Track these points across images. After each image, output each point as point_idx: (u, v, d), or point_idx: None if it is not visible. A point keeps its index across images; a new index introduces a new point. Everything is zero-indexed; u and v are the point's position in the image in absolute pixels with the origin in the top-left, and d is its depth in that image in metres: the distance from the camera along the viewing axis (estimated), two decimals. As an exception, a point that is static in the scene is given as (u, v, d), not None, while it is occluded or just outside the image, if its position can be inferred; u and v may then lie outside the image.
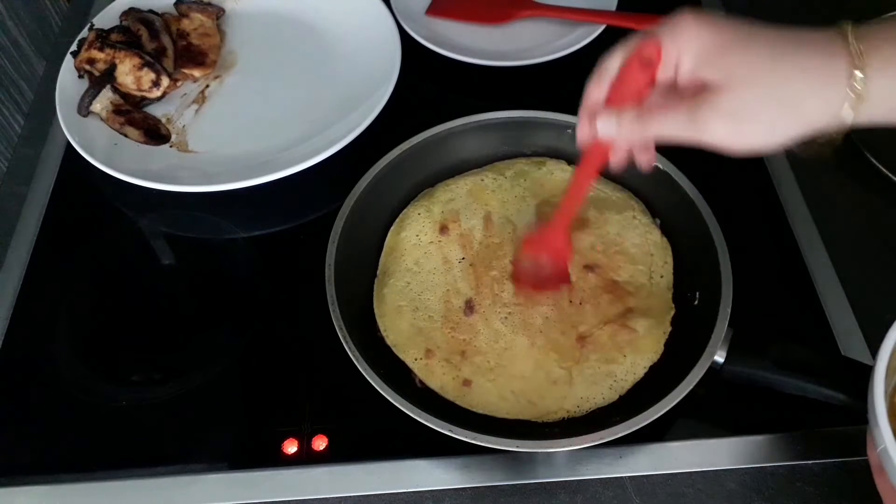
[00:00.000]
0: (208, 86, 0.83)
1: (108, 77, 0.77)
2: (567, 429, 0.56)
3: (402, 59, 0.80)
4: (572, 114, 0.70)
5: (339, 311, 0.58)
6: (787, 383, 0.55)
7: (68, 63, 0.80)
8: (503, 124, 0.71)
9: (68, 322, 0.66)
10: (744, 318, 0.57)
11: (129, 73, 0.78)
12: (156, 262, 0.72)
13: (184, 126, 0.80)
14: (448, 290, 0.63)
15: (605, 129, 0.50)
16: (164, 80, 0.79)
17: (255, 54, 0.86)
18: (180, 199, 0.72)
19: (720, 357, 0.55)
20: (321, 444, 0.58)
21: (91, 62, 0.78)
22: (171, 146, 0.77)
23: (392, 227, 0.68)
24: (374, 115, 0.75)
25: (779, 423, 0.58)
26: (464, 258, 0.65)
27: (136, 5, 0.84)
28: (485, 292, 0.63)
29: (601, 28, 0.84)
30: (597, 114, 0.50)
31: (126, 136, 0.77)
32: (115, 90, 0.78)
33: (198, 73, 0.83)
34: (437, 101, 0.83)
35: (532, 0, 0.88)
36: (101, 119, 0.78)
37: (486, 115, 0.71)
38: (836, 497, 0.55)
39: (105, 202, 0.75)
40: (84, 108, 0.76)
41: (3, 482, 0.58)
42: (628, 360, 0.59)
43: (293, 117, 0.79)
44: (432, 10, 0.89)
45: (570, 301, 0.62)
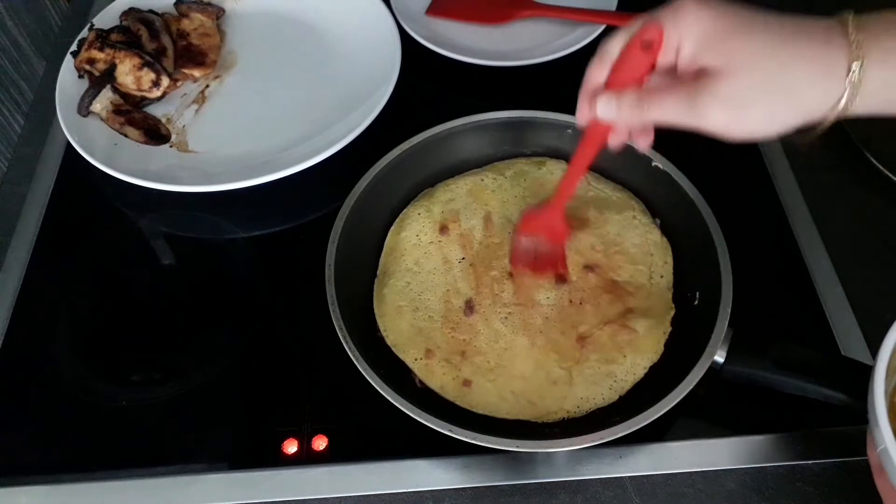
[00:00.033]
0: (208, 86, 0.83)
1: (108, 77, 0.77)
2: (567, 429, 0.56)
3: (402, 59, 0.80)
4: (572, 114, 0.69)
5: (339, 311, 0.58)
6: (787, 383, 0.55)
7: (68, 63, 0.80)
8: (503, 124, 0.71)
9: (68, 322, 0.66)
10: (744, 318, 0.57)
11: (129, 73, 0.78)
12: (156, 262, 0.72)
13: (184, 126, 0.80)
14: (448, 290, 0.63)
15: (605, 111, 0.50)
16: (164, 80, 0.79)
17: (255, 54, 0.86)
18: (180, 199, 0.72)
19: (720, 357, 0.55)
20: (321, 444, 0.58)
21: (91, 62, 0.78)
22: (171, 146, 0.77)
23: (392, 227, 0.68)
24: (374, 115, 0.75)
25: (779, 423, 0.58)
26: (464, 258, 0.65)
27: (136, 5, 0.84)
28: (485, 292, 0.63)
29: (601, 28, 0.84)
30: (596, 96, 0.50)
31: (126, 136, 0.77)
32: (115, 90, 0.78)
33: (198, 73, 0.83)
34: (437, 101, 0.83)
35: (532, 0, 0.88)
36: (101, 119, 0.78)
37: (486, 115, 0.71)
38: (836, 497, 0.55)
39: (105, 202, 0.75)
40: (84, 108, 0.76)
41: (3, 482, 0.58)
42: (628, 360, 0.59)
43: (293, 117, 0.79)
44: (432, 10, 0.89)
45: (570, 301, 0.62)
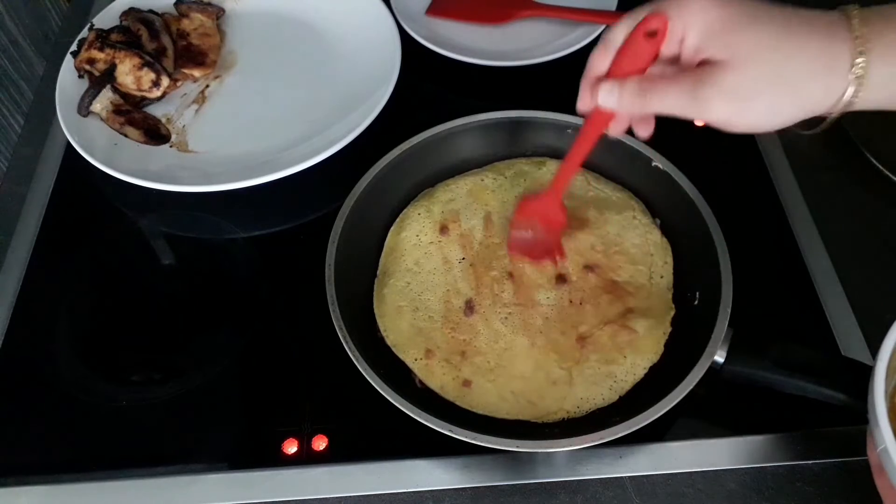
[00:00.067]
0: (208, 86, 0.83)
1: (108, 77, 0.77)
2: (567, 429, 0.55)
3: (402, 59, 0.79)
4: (572, 114, 0.69)
5: (339, 311, 0.58)
6: (787, 383, 0.55)
7: (68, 63, 0.80)
8: (503, 124, 0.71)
9: (68, 322, 0.66)
10: (744, 318, 0.57)
11: (129, 73, 0.78)
12: (156, 262, 0.72)
13: (184, 126, 0.80)
14: (448, 291, 0.63)
15: (606, 99, 0.50)
16: (164, 80, 0.79)
17: (255, 54, 0.86)
18: (180, 199, 0.72)
19: (720, 357, 0.55)
20: (321, 444, 0.58)
21: (91, 62, 0.78)
22: (171, 146, 0.77)
23: (392, 228, 0.68)
24: (374, 115, 0.75)
25: (779, 423, 0.58)
26: (464, 258, 0.65)
27: (136, 5, 0.84)
28: (485, 292, 0.63)
29: (601, 28, 0.84)
30: (598, 84, 0.50)
31: (126, 136, 0.77)
32: (115, 90, 0.78)
33: (198, 73, 0.83)
34: (437, 101, 0.83)
35: (532, 0, 0.88)
36: (101, 119, 0.78)
37: (486, 115, 0.71)
38: (836, 497, 0.55)
39: (105, 202, 0.75)
40: (84, 108, 0.76)
41: (3, 482, 0.58)
42: (628, 360, 0.59)
43: (293, 117, 0.79)
44: (432, 10, 0.89)
45: (570, 301, 0.62)
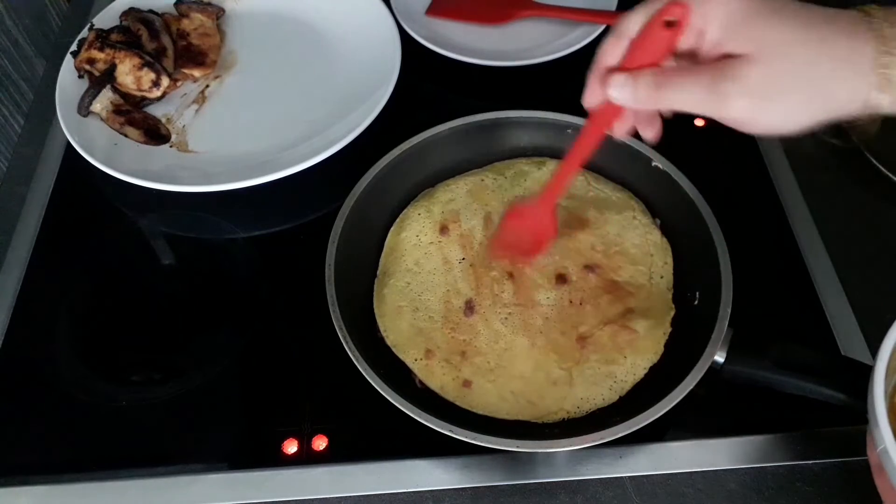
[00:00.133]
0: (208, 86, 0.83)
1: (108, 77, 0.77)
2: (567, 429, 0.55)
3: (402, 59, 0.79)
4: (572, 114, 0.70)
5: (339, 311, 0.58)
6: (787, 383, 0.55)
7: (68, 63, 0.80)
8: (503, 124, 0.71)
9: (68, 322, 0.66)
10: (744, 318, 0.57)
11: (129, 73, 0.78)
12: (156, 262, 0.72)
13: (184, 126, 0.80)
14: (448, 291, 0.63)
15: (619, 93, 0.46)
16: (164, 80, 0.79)
17: (255, 54, 0.86)
18: (180, 199, 0.72)
19: (720, 357, 0.55)
20: (321, 444, 0.58)
21: (91, 62, 0.78)
22: (171, 146, 0.77)
23: (392, 228, 0.68)
24: (374, 115, 0.75)
25: (779, 423, 0.58)
26: (464, 258, 0.65)
27: (136, 5, 0.84)
28: (485, 293, 0.63)
29: (601, 28, 0.84)
30: (610, 76, 0.47)
31: (126, 136, 0.77)
32: (115, 90, 0.78)
33: (198, 73, 0.83)
34: (437, 101, 0.83)
35: (532, 0, 0.88)
36: (101, 119, 0.78)
37: (486, 115, 0.71)
38: (836, 497, 0.55)
39: (105, 202, 0.75)
40: (84, 108, 0.76)
41: (3, 482, 0.58)
42: (628, 360, 0.59)
43: (293, 117, 0.79)
44: (432, 10, 0.89)
45: (570, 301, 0.62)
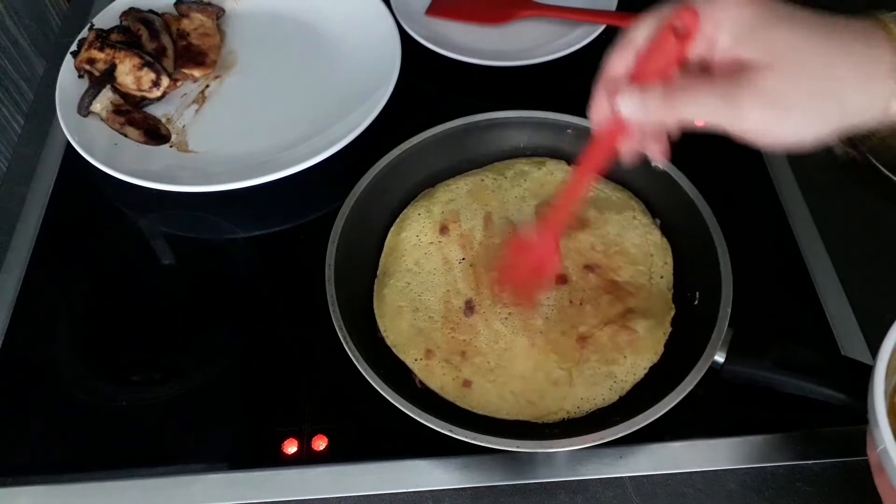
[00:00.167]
0: (208, 86, 0.83)
1: (108, 77, 0.77)
2: (567, 429, 0.55)
3: (402, 59, 0.79)
4: (572, 114, 0.70)
5: (339, 311, 0.58)
6: (787, 383, 0.55)
7: (68, 63, 0.80)
8: (503, 124, 0.71)
9: (68, 322, 0.66)
10: (744, 318, 0.57)
11: (129, 73, 0.78)
12: (156, 262, 0.72)
13: (184, 126, 0.80)
14: (448, 291, 0.63)
15: (628, 107, 0.44)
16: (164, 80, 0.79)
17: (255, 54, 0.86)
18: (180, 199, 0.72)
19: (720, 357, 0.55)
20: (321, 444, 0.58)
21: (91, 62, 0.78)
22: (171, 146, 0.77)
23: (392, 228, 0.68)
24: (374, 115, 0.75)
25: (779, 423, 0.58)
26: (464, 259, 0.65)
27: (136, 5, 0.84)
28: (485, 293, 0.63)
29: (601, 28, 0.84)
30: (618, 89, 0.44)
31: (126, 136, 0.77)
32: (115, 90, 0.78)
33: (198, 73, 0.83)
34: (437, 101, 0.83)
35: (532, 0, 0.88)
36: (101, 119, 0.78)
37: (487, 115, 0.71)
38: (836, 497, 0.55)
39: (105, 202, 0.75)
40: (84, 108, 0.76)
41: (3, 482, 0.58)
42: (628, 360, 0.59)
43: (293, 117, 0.79)
44: (432, 10, 0.89)
45: (571, 301, 0.62)
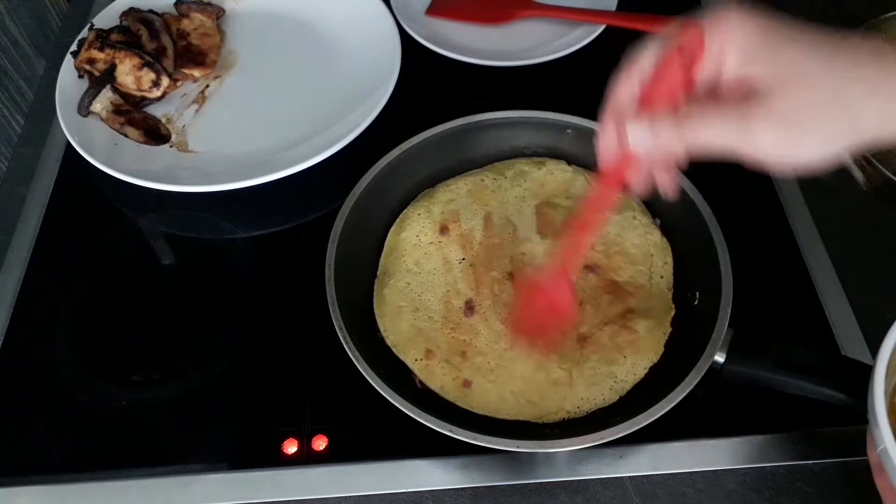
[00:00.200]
0: (208, 86, 0.83)
1: (108, 77, 0.77)
2: (567, 429, 0.55)
3: (402, 59, 0.79)
4: (572, 114, 0.70)
5: (339, 311, 0.58)
6: (787, 383, 0.55)
7: (68, 63, 0.80)
8: (503, 124, 0.71)
9: (68, 322, 0.66)
10: (744, 318, 0.57)
11: (129, 73, 0.78)
12: (156, 262, 0.72)
13: (184, 126, 0.80)
14: (448, 291, 0.63)
15: (638, 136, 0.43)
16: (164, 80, 0.79)
17: (255, 54, 0.86)
18: (180, 199, 0.72)
19: (720, 357, 0.55)
20: (321, 444, 0.58)
21: (91, 62, 0.78)
22: (171, 146, 0.77)
23: (392, 228, 0.68)
24: (374, 115, 0.75)
25: (779, 423, 0.58)
26: (464, 259, 0.65)
27: (136, 5, 0.84)
28: (485, 293, 0.63)
29: (601, 28, 0.84)
30: (625, 119, 0.43)
31: (126, 136, 0.77)
32: (115, 90, 0.78)
33: (198, 73, 0.83)
34: (437, 101, 0.83)
35: (532, 0, 0.88)
36: (101, 119, 0.78)
37: (486, 115, 0.71)
38: (836, 497, 0.55)
39: (105, 202, 0.75)
40: (84, 108, 0.76)
41: (3, 482, 0.58)
42: (629, 360, 0.59)
43: (293, 117, 0.79)
44: (432, 10, 0.89)
45: (571, 301, 0.62)
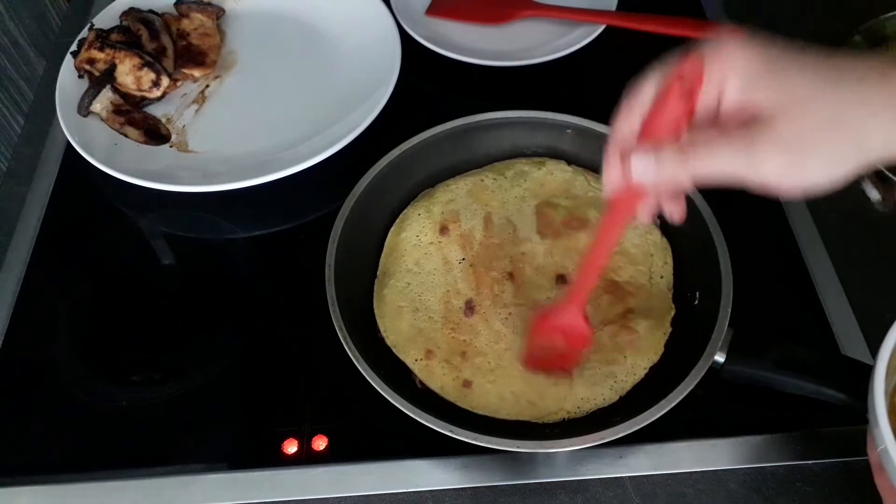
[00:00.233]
0: (208, 86, 0.83)
1: (108, 77, 0.77)
2: (567, 429, 0.55)
3: (402, 59, 0.79)
4: (572, 114, 0.70)
5: (339, 311, 0.58)
6: (787, 383, 0.55)
7: (68, 63, 0.80)
8: (503, 124, 0.71)
9: (68, 322, 0.66)
10: (744, 318, 0.57)
11: (129, 73, 0.78)
12: (156, 262, 0.72)
13: (184, 126, 0.80)
14: (448, 291, 0.63)
15: (643, 169, 0.43)
16: (164, 80, 0.79)
17: (255, 54, 0.86)
18: (180, 199, 0.72)
19: (720, 357, 0.55)
20: (321, 444, 0.58)
21: (91, 62, 0.78)
22: (171, 146, 0.77)
23: (392, 228, 0.68)
24: (374, 115, 0.75)
25: (779, 423, 0.58)
26: (464, 259, 0.65)
27: (136, 5, 0.84)
28: (485, 293, 0.63)
29: (601, 28, 0.84)
30: (630, 151, 0.43)
31: (126, 136, 0.77)
32: (115, 90, 0.78)
33: (198, 73, 0.83)
34: (437, 101, 0.83)
35: (532, 0, 0.88)
36: (101, 119, 0.78)
37: (486, 115, 0.71)
38: (836, 497, 0.55)
39: (105, 202, 0.75)
40: (84, 108, 0.76)
41: (3, 482, 0.58)
42: (629, 360, 0.59)
43: (293, 117, 0.79)
44: (432, 10, 0.89)
45: (571, 301, 0.62)
